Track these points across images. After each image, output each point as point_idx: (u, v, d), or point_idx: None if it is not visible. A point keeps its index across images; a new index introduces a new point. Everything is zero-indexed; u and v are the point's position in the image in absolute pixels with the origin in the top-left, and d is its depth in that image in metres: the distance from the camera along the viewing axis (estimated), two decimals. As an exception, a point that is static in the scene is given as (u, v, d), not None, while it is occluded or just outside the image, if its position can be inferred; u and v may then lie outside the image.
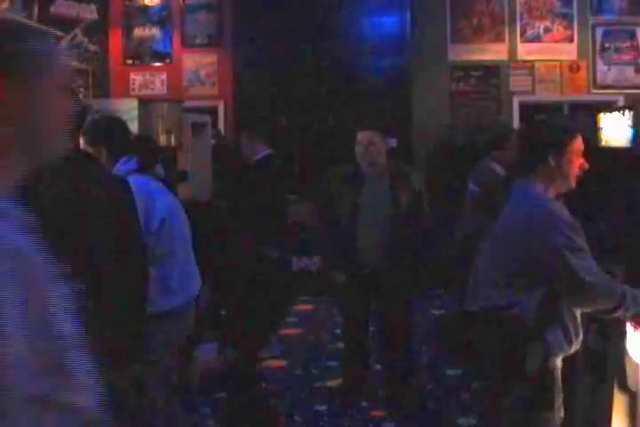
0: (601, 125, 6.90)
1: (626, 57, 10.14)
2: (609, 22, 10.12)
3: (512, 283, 3.09)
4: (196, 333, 4.31)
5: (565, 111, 10.13)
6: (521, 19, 10.10)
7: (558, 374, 3.14)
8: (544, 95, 10.09)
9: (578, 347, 3.19)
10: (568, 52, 10.14)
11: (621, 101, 9.83)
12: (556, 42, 10.14)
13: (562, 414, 3.15)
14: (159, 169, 4.16)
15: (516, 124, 9.66)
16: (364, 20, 9.68)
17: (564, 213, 3.10)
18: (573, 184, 3.24)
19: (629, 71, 10.14)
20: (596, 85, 10.14)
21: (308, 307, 8.40)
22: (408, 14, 9.69)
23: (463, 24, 10.08)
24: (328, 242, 5.59)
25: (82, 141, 3.58)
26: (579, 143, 3.22)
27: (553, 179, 3.20)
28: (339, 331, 7.30)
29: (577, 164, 3.21)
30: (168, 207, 3.82)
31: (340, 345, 5.99)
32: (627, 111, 6.57)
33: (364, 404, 5.41)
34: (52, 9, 9.95)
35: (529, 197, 3.16)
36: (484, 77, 10.12)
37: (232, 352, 5.00)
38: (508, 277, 3.11)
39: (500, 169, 5.72)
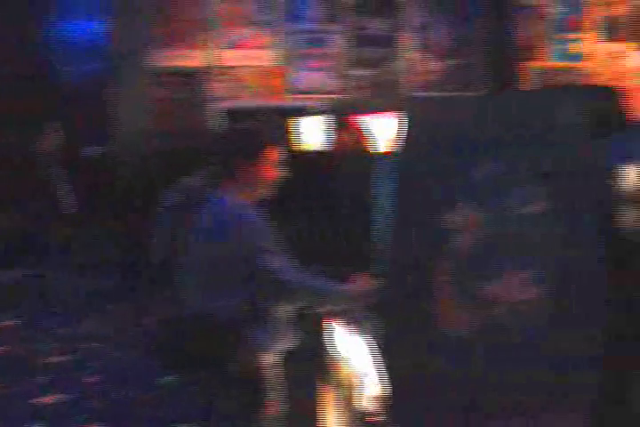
0: (297, 130, 7.09)
1: (320, 63, 10.60)
2: (304, 30, 10.53)
3: (218, 284, 3.11)
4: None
5: (264, 116, 10.38)
6: (220, 25, 10.25)
7: (272, 371, 3.20)
8: (244, 101, 10.28)
9: (290, 345, 3.26)
10: (265, 58, 10.42)
11: (316, 106, 10.22)
12: (253, 48, 10.38)
13: (278, 409, 3.21)
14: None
15: (218, 129, 9.77)
16: (62, 26, 9.43)
17: (258, 218, 3.13)
18: (268, 193, 3.25)
19: (323, 77, 10.60)
20: (292, 91, 10.51)
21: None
22: (107, 19, 9.56)
23: (162, 30, 10.05)
24: None
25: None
26: (274, 153, 3.22)
27: (248, 185, 3.20)
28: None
29: (272, 173, 3.22)
30: None
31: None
32: (321, 116, 6.80)
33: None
34: None
35: (225, 203, 3.19)
36: (184, 83, 10.16)
37: None
38: (214, 278, 3.12)
39: None
